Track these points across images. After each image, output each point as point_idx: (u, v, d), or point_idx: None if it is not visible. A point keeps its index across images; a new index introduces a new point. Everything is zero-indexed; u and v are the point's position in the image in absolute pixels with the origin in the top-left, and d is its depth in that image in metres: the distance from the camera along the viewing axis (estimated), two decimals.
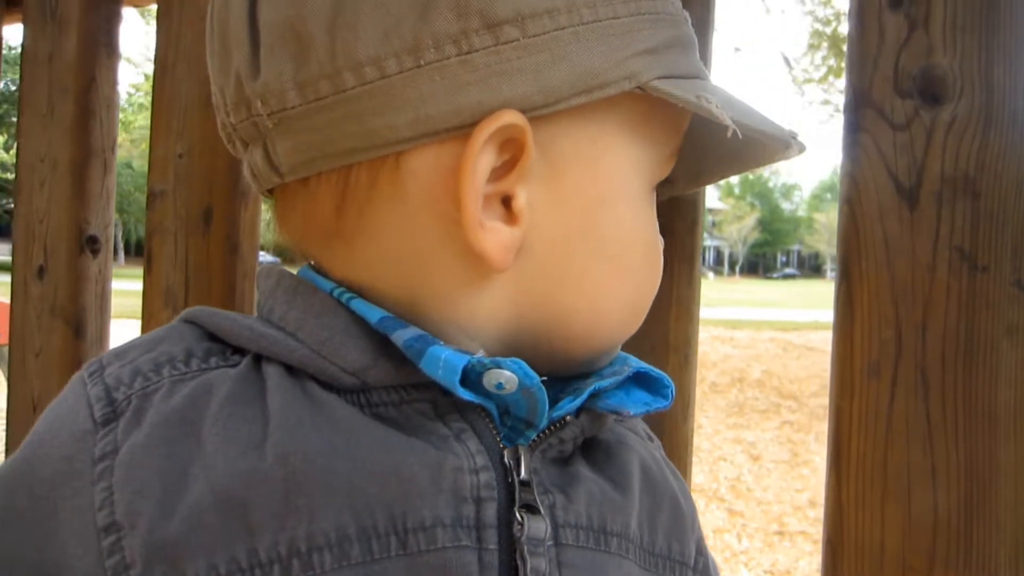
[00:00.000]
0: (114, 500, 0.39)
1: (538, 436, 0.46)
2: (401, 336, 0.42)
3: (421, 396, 0.44)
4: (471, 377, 0.42)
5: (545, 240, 0.45)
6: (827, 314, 0.76)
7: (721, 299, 22.49)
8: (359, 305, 0.44)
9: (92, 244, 1.11)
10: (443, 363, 0.41)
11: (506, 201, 0.44)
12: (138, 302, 1.02)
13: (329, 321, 0.44)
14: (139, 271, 1.26)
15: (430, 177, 0.42)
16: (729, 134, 0.44)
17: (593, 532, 0.47)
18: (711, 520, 4.43)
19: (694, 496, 0.58)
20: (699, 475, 5.18)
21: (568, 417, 0.47)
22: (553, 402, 0.46)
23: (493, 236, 0.43)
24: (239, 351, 0.44)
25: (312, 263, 0.49)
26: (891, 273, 0.69)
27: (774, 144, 0.50)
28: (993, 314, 0.66)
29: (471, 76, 0.41)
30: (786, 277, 55.12)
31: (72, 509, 0.39)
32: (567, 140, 0.44)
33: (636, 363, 0.51)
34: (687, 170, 0.60)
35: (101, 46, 1.09)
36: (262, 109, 0.43)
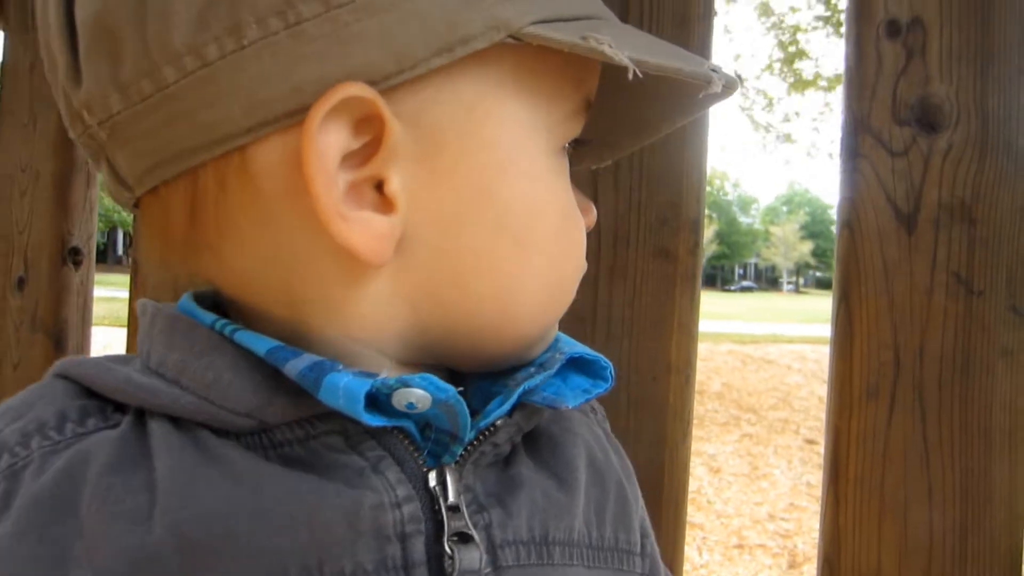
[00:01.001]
0: None
1: (466, 449, 0.42)
2: (295, 367, 0.38)
3: (329, 427, 0.40)
4: (379, 399, 0.38)
5: (431, 224, 0.39)
6: (784, 327, 0.77)
7: None
8: (244, 337, 0.39)
9: (75, 256, 1.08)
10: (343, 391, 0.36)
11: (380, 187, 0.38)
12: (100, 309, 0.98)
13: (213, 360, 0.39)
14: (98, 276, 1.21)
15: (281, 170, 0.37)
16: (630, 76, 0.38)
17: (535, 545, 0.43)
18: None
19: None
20: None
21: (499, 420, 0.43)
22: (486, 401, 0.42)
23: (361, 227, 0.37)
24: (120, 408, 0.39)
25: (192, 292, 0.44)
26: (889, 296, 0.69)
27: (694, 83, 0.42)
28: (989, 338, 0.67)
29: (305, 49, 0.35)
30: (744, 290, 55.88)
31: None
32: (438, 108, 0.38)
33: (570, 347, 0.46)
34: (626, 125, 0.53)
35: None
36: (90, 119, 0.38)
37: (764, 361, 11.18)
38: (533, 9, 0.38)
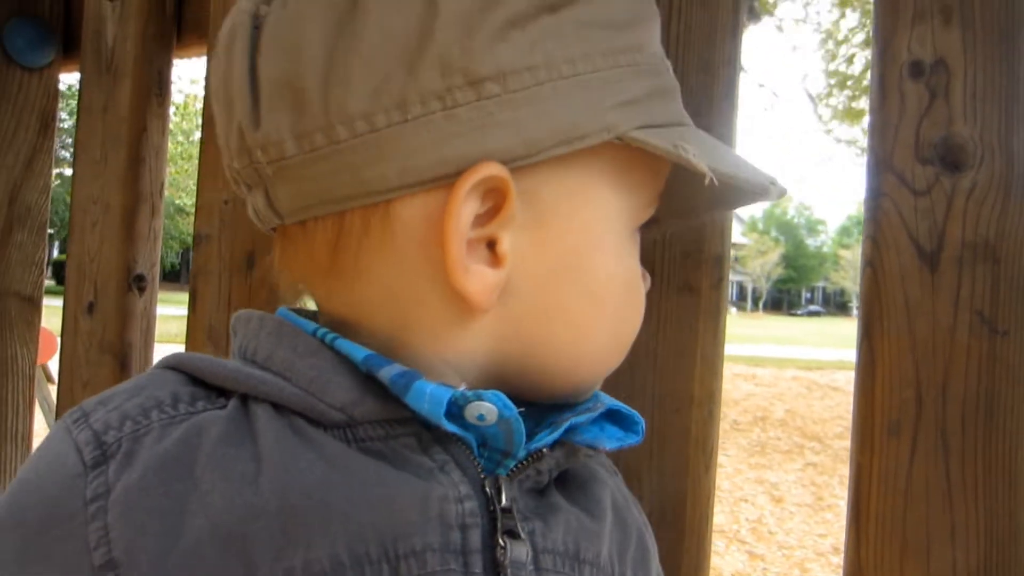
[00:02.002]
0: (111, 539, 0.39)
1: (516, 466, 0.47)
2: (388, 373, 0.44)
3: (406, 431, 0.45)
4: (453, 410, 0.44)
5: (529, 281, 0.47)
6: (852, 354, 0.77)
7: (744, 335, 22.28)
8: (343, 345, 0.46)
9: (139, 282, 1.14)
10: (428, 397, 0.43)
11: (491, 244, 0.45)
12: (168, 326, 1.04)
13: (316, 361, 0.45)
14: (168, 296, 1.28)
15: (418, 223, 0.44)
16: (707, 181, 0.45)
17: (569, 559, 0.48)
18: (731, 563, 4.35)
19: (714, 536, 0.59)
20: (719, 515, 5.10)
21: (544, 449, 0.48)
22: (530, 436, 0.47)
23: (476, 279, 0.44)
24: (223, 394, 0.45)
25: (289, 307, 0.52)
26: (912, 335, 0.69)
27: (753, 188, 0.51)
28: (1013, 378, 0.67)
29: (455, 129, 0.42)
30: (811, 314, 54.50)
31: (63, 551, 0.39)
32: (549, 188, 0.46)
33: (609, 401, 0.52)
34: (674, 208, 0.61)
35: (152, 96, 1.14)
36: (262, 157, 0.45)
37: (830, 388, 10.88)
38: (636, 117, 0.46)
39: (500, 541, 0.44)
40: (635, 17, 0.48)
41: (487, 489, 0.46)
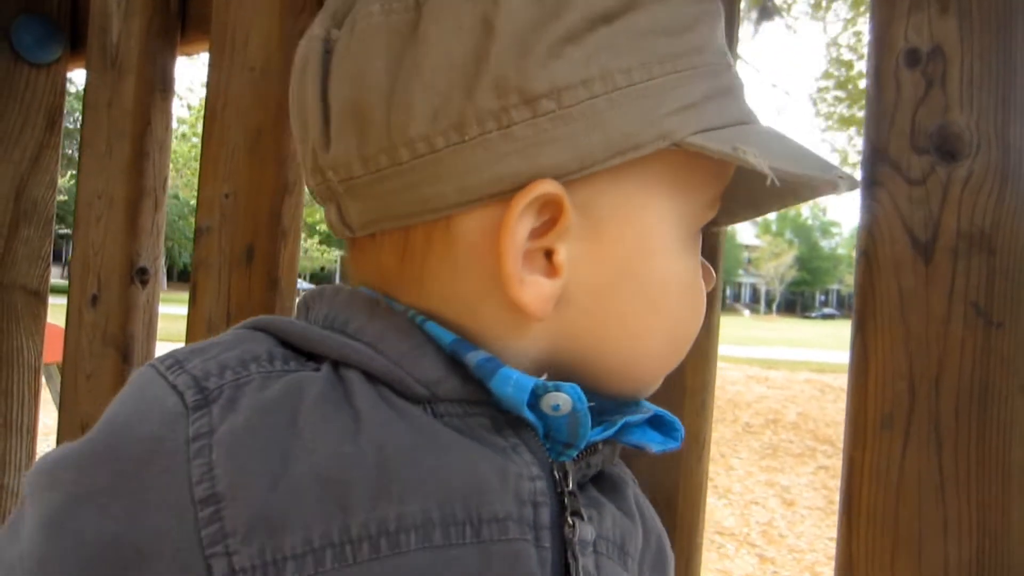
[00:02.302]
0: (215, 475, 0.40)
1: (576, 456, 0.49)
2: (473, 358, 0.46)
3: (481, 411, 0.47)
4: (530, 399, 0.46)
5: (586, 289, 0.48)
6: None
7: (757, 338, 22.17)
8: (433, 327, 0.47)
9: (142, 275, 1.15)
10: (514, 383, 0.45)
11: (548, 254, 0.47)
12: (179, 326, 1.04)
13: (407, 337, 0.47)
14: (181, 296, 1.29)
15: (476, 237, 0.46)
16: (768, 182, 0.45)
17: (617, 548, 0.51)
18: (741, 566, 4.32)
19: (724, 538, 0.59)
20: (729, 518, 5.07)
21: (599, 444, 0.50)
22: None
23: (532, 289, 0.46)
24: (312, 358, 0.47)
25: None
26: (905, 326, 0.68)
27: (820, 184, 0.51)
28: (1008, 370, 0.65)
29: (510, 147, 0.43)
30: (825, 317, 54.13)
31: (163, 484, 0.40)
32: (606, 197, 0.47)
33: (652, 406, 0.54)
34: (738, 203, 0.60)
35: (156, 92, 1.14)
36: (333, 177, 0.47)
37: (843, 391, 10.73)
38: (693, 122, 0.46)
39: (569, 520, 0.46)
40: (694, 19, 0.48)
41: (555, 472, 0.47)
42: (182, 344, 0.59)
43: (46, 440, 2.74)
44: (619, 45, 0.44)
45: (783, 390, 10.54)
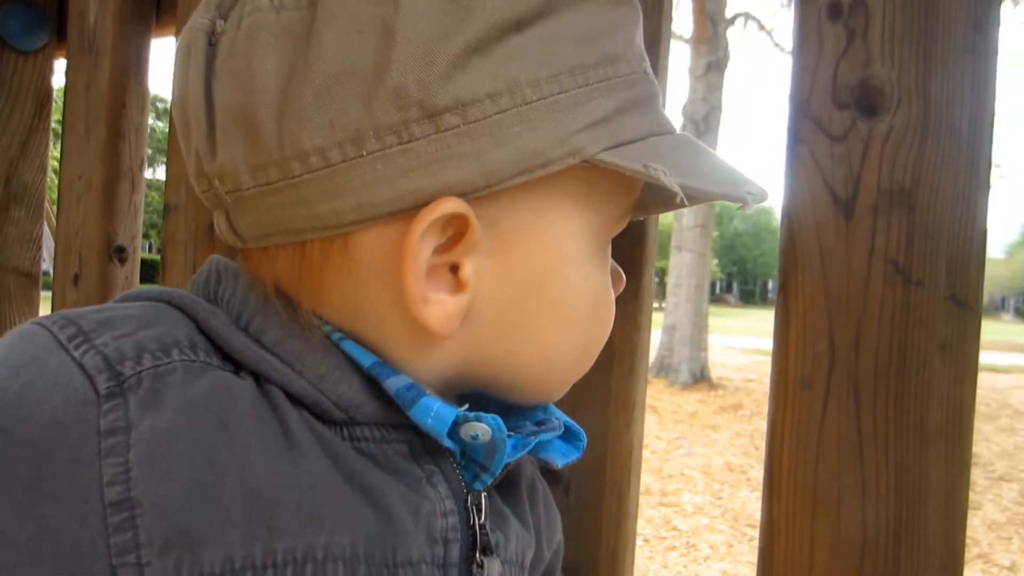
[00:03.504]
0: (131, 477, 0.35)
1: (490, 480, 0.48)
2: (394, 384, 0.44)
3: (399, 437, 0.46)
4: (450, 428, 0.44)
5: (494, 304, 0.46)
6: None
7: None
8: (351, 347, 0.45)
9: (120, 254, 1.16)
10: (434, 414, 0.43)
11: (453, 269, 0.44)
12: None
13: (326, 358, 0.44)
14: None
15: (376, 254, 0.43)
16: (677, 200, 0.44)
17: (517, 567, 0.50)
18: None
19: None
20: None
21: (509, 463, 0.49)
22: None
23: (437, 307, 0.43)
24: (228, 359, 0.42)
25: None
26: (825, 285, 0.65)
27: (728, 200, 0.50)
28: (926, 329, 0.62)
29: (412, 163, 0.40)
30: None
31: (64, 478, 0.35)
32: (513, 214, 0.44)
33: (562, 417, 0.54)
34: (647, 201, 0.59)
35: (131, 75, 1.15)
36: (220, 186, 0.43)
37: None
38: (604, 137, 0.43)
39: (477, 558, 0.45)
40: (611, 25, 0.45)
41: (469, 504, 0.46)
42: None
43: None
44: (529, 55, 0.41)
45: None
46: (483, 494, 0.48)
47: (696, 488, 5.41)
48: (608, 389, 0.74)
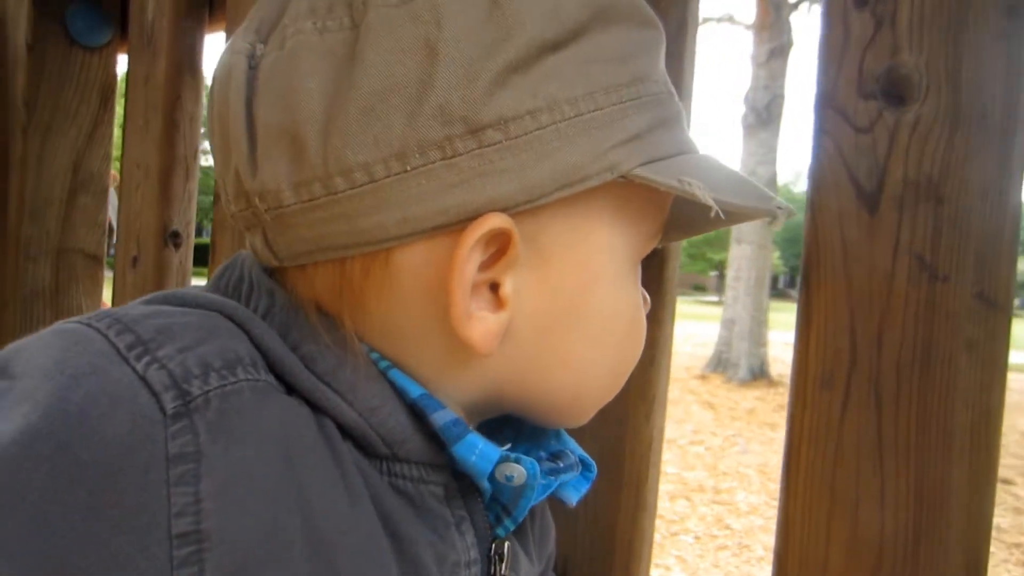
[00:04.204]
0: (201, 509, 0.33)
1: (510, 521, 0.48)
2: (441, 418, 0.43)
3: (437, 478, 0.45)
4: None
5: (530, 322, 0.45)
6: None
7: None
8: (398, 376, 0.44)
9: (175, 239, 1.19)
10: (479, 452, 0.43)
11: (494, 287, 0.44)
12: None
13: (377, 389, 0.43)
14: None
15: (420, 270, 0.42)
16: (712, 214, 0.44)
17: None
18: None
19: None
20: None
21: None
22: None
23: (480, 325, 0.43)
24: (279, 377, 0.41)
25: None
26: (848, 280, 0.62)
27: (759, 215, 0.49)
28: (952, 327, 0.59)
29: (455, 178, 0.40)
30: None
31: (130, 505, 0.32)
32: (551, 229, 0.44)
33: (576, 450, 0.53)
34: (678, 223, 0.58)
35: (186, 69, 1.18)
36: (260, 204, 0.42)
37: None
38: (638, 153, 0.43)
39: None
40: (639, 47, 0.45)
41: (492, 554, 0.47)
42: None
43: None
44: (566, 74, 0.41)
45: None
46: (506, 542, 0.48)
47: (751, 487, 5.29)
48: (628, 382, 0.72)
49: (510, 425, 0.54)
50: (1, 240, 1.29)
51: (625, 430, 0.73)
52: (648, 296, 0.55)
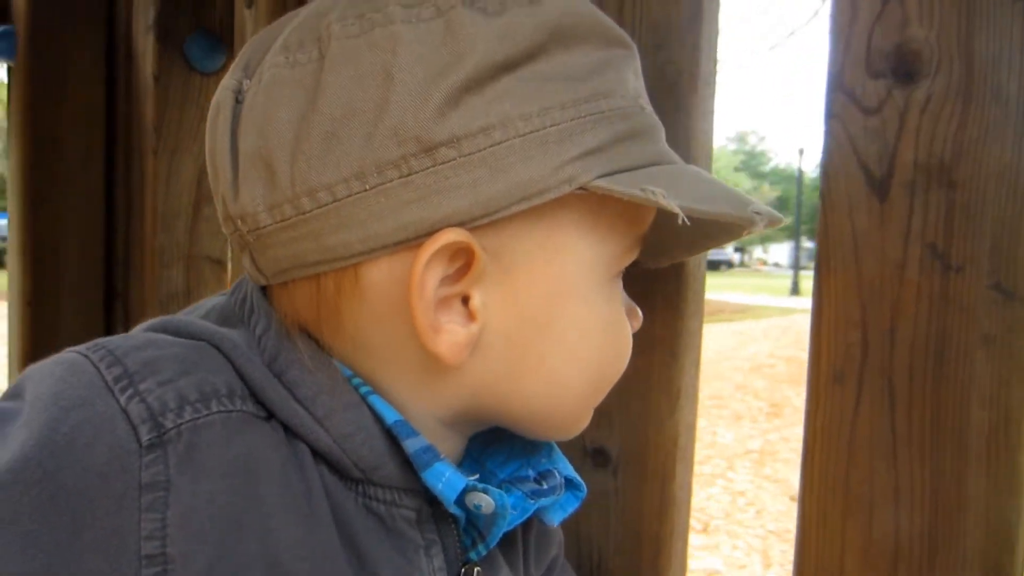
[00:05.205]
0: (167, 535, 0.37)
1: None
2: (413, 445, 0.45)
3: (409, 503, 0.47)
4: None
5: (501, 334, 0.46)
6: None
7: None
8: (377, 402, 0.45)
9: None
10: (445, 481, 0.44)
11: (465, 300, 0.45)
12: None
13: (354, 417, 0.44)
14: None
15: (387, 285, 0.44)
16: (680, 222, 0.43)
17: None
18: None
19: None
20: None
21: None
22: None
23: (447, 337, 0.44)
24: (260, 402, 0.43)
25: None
26: (858, 272, 0.58)
27: (734, 221, 0.47)
28: (967, 320, 0.54)
29: (412, 195, 0.42)
30: None
31: (106, 528, 0.36)
32: (517, 243, 0.45)
33: (565, 468, 0.53)
34: (668, 245, 0.59)
35: None
36: (242, 227, 0.45)
37: None
38: (599, 165, 0.44)
39: None
40: (604, 65, 0.46)
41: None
42: None
43: None
44: (521, 92, 0.42)
45: None
46: (476, 568, 0.49)
47: None
48: (649, 375, 0.72)
49: (504, 441, 0.55)
50: (139, 249, 1.45)
51: (648, 424, 0.72)
52: (638, 308, 0.54)
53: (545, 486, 0.51)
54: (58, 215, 1.51)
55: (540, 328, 0.46)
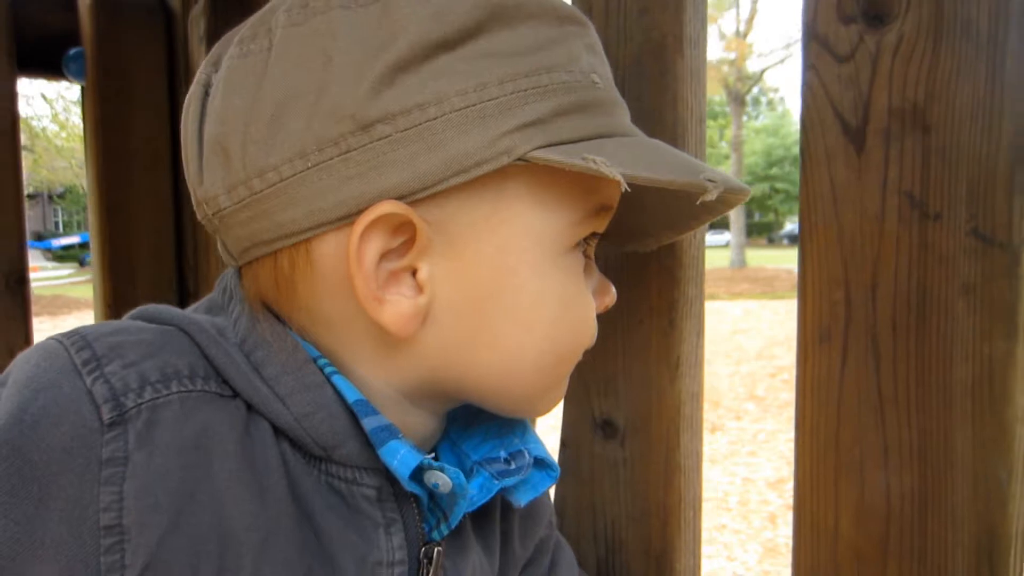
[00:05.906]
0: (123, 507, 0.39)
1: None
2: (371, 423, 0.45)
3: (370, 481, 0.47)
4: (414, 472, 0.46)
5: (451, 306, 0.46)
6: None
7: None
8: (340, 382, 0.46)
9: None
10: (400, 458, 0.45)
11: (414, 273, 0.46)
12: None
13: (316, 396, 0.45)
14: None
15: (334, 260, 0.45)
16: (622, 190, 0.43)
17: None
18: None
19: None
20: None
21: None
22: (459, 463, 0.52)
23: (391, 308, 0.45)
24: (226, 382, 0.45)
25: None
26: (839, 226, 0.56)
27: (684, 188, 0.46)
28: (947, 270, 0.51)
29: (351, 171, 0.43)
30: None
31: (68, 498, 0.39)
32: (462, 215, 0.45)
33: (534, 447, 0.53)
34: (649, 224, 0.59)
35: None
36: (208, 210, 0.47)
37: None
38: (537, 137, 0.44)
39: None
40: (549, 40, 0.46)
41: (421, 556, 0.49)
42: None
43: None
44: (457, 69, 0.43)
45: None
46: (436, 548, 0.49)
47: None
48: (648, 344, 0.71)
49: (481, 424, 0.55)
50: (206, 252, 1.53)
51: (650, 393, 0.72)
52: (611, 285, 0.53)
53: (513, 466, 0.51)
54: (131, 223, 1.61)
55: (489, 298, 0.46)
